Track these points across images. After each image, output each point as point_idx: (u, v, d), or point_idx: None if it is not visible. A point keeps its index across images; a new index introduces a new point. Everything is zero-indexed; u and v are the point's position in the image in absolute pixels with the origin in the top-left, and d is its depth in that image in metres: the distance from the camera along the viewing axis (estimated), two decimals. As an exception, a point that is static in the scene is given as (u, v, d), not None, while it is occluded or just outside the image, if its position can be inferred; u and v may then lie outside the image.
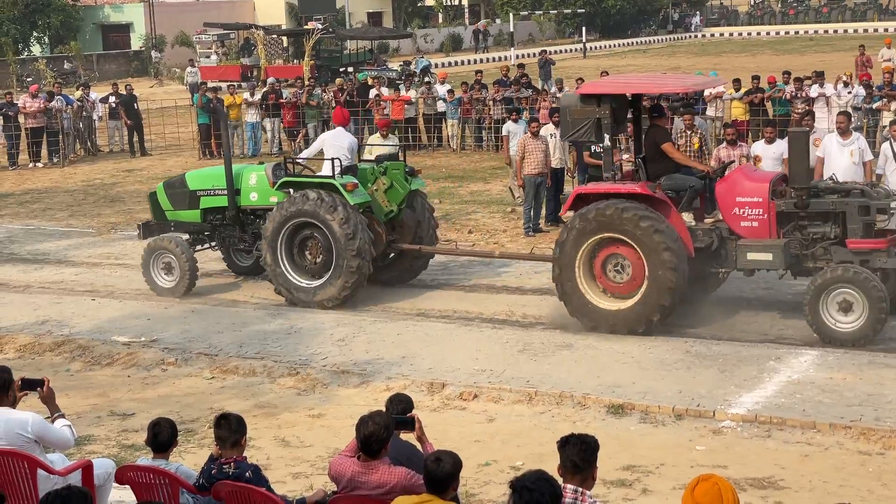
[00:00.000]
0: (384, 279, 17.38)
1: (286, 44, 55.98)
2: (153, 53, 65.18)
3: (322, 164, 17.02)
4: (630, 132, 16.91)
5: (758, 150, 18.66)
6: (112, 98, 33.92)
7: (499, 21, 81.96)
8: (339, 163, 16.36)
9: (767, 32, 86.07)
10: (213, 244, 18.04)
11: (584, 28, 74.69)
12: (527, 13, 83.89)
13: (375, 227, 16.54)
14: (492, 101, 30.84)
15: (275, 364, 13.83)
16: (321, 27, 54.74)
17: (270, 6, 72.82)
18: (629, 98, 15.27)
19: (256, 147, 32.32)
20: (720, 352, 13.55)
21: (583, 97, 14.69)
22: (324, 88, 34.17)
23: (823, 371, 12.80)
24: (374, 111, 30.91)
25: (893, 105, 25.33)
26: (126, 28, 70.15)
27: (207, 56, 56.38)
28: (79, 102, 32.88)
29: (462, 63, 65.22)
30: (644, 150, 15.24)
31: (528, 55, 58.99)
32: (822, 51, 60.50)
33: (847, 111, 20.51)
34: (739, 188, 14.50)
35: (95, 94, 34.91)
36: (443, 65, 60.55)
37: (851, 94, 27.01)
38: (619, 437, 11.27)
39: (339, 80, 35.65)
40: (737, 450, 10.95)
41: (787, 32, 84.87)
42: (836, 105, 26.05)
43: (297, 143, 32.47)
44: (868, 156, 17.71)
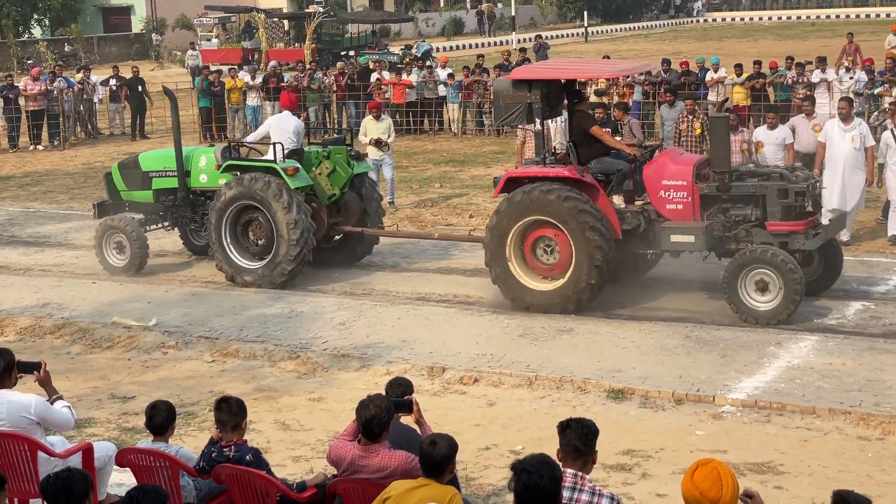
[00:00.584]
0: (331, 261, 17.66)
1: (287, 27, 55.86)
2: (154, 36, 65.13)
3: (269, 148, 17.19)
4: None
5: (760, 136, 18.64)
6: (113, 81, 33.89)
7: (500, 5, 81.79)
8: (282, 147, 16.63)
9: (770, 17, 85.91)
10: (166, 224, 18.36)
11: (586, 12, 74.55)
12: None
13: (318, 210, 16.87)
14: (493, 86, 30.74)
15: (275, 348, 13.83)
16: (322, 10, 54.60)
17: (272, -11, 72.73)
18: (563, 83, 15.51)
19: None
20: (720, 337, 13.56)
21: (514, 82, 14.97)
22: (325, 72, 34.12)
23: (823, 356, 12.81)
24: (375, 95, 30.89)
25: (895, 90, 25.28)
26: (127, 11, 70.10)
27: (208, 39, 56.25)
28: (79, 85, 32.85)
29: (463, 47, 65.06)
30: (573, 136, 15.47)
31: (530, 39, 58.90)
32: (825, 36, 60.30)
33: (849, 97, 20.50)
34: (665, 172, 14.78)
35: (96, 77, 34.89)
36: (444, 49, 60.50)
37: (853, 80, 26.98)
38: (619, 422, 11.27)
39: (340, 64, 35.54)
40: (736, 435, 10.96)
41: (790, 17, 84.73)
42: (838, 90, 26.01)
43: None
44: (870, 141, 17.72)
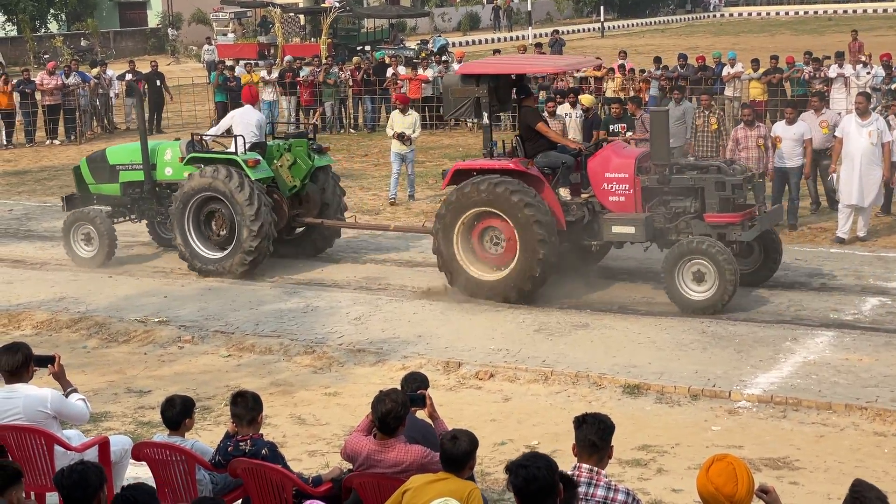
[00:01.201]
0: (293, 251, 18.08)
1: (303, 22, 55.85)
2: (170, 31, 65.17)
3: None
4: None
5: (778, 131, 18.56)
6: (129, 75, 33.96)
7: (517, 0, 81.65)
8: (244, 139, 16.94)
9: (787, 12, 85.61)
10: (133, 216, 18.66)
11: (602, 7, 74.39)
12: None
13: (278, 201, 17.21)
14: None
15: (291, 342, 13.85)
16: (338, 5, 54.52)
17: (287, -16, 72.68)
18: (513, 79, 15.95)
19: (273, 126, 32.20)
20: (736, 332, 13.54)
21: (463, 77, 15.49)
22: (341, 67, 34.13)
23: (839, 352, 12.78)
24: (392, 90, 30.88)
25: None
26: (143, 5, 70.16)
27: (224, 34, 56.29)
28: (95, 80, 32.92)
29: (480, 42, 65.00)
30: (520, 130, 15.81)
31: (546, 34, 58.82)
32: (842, 31, 60.06)
33: (866, 92, 20.43)
34: (608, 164, 15.10)
35: (112, 72, 34.97)
36: (460, 44, 60.38)
37: (871, 75, 26.88)
38: (635, 417, 11.27)
39: (356, 59, 35.55)
40: (752, 430, 10.94)
41: (807, 12, 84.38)
42: (855, 86, 25.92)
43: (314, 121, 32.44)
44: (887, 136, 17.66)
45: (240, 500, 8.33)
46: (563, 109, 21.87)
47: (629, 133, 19.52)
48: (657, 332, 13.64)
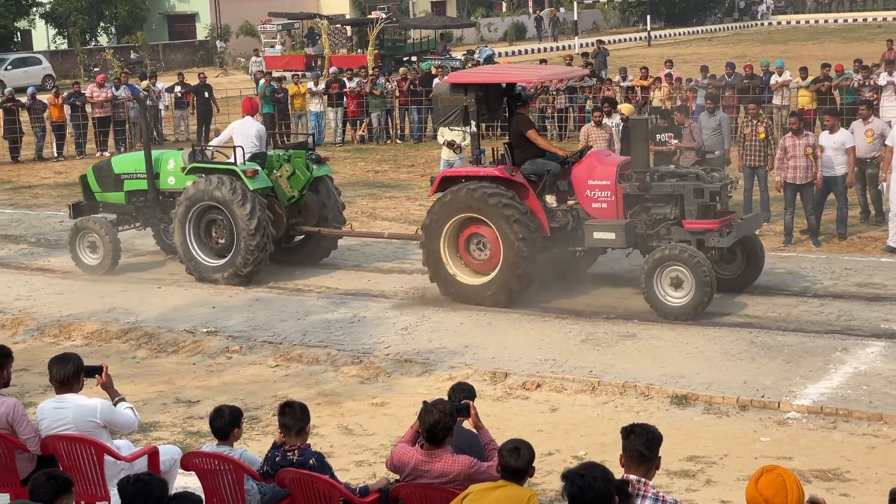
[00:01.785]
0: (294, 260, 18.40)
1: (350, 33, 56.15)
2: (218, 43, 65.66)
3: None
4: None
5: (822, 141, 18.40)
6: (178, 87, 34.22)
7: (563, 10, 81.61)
8: (243, 150, 17.25)
9: (835, 20, 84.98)
10: (138, 224, 19.03)
11: (649, 16, 74.18)
12: (591, 1, 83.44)
13: (277, 211, 17.49)
14: (555, 91, 30.72)
15: (338, 353, 13.90)
16: (385, 16, 54.80)
17: (334, -4, 73.07)
18: (504, 88, 16.39)
19: (320, 136, 32.37)
20: (785, 343, 13.44)
21: (452, 86, 15.82)
22: (387, 78, 34.23)
23: (891, 363, 12.65)
24: (438, 100, 30.88)
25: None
26: (192, 18, 70.71)
27: (272, 46, 56.67)
28: (145, 92, 33.20)
29: (525, 52, 65.02)
30: (511, 137, 16.09)
31: (592, 44, 58.74)
32: (893, 38, 59.50)
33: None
34: (591, 172, 15.43)
35: (161, 84, 35.24)
36: (506, 54, 60.45)
37: (922, 83, 26.60)
38: (683, 428, 11.21)
39: (403, 70, 35.67)
40: (802, 441, 10.86)
41: (856, 20, 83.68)
42: (906, 94, 25.68)
43: (360, 132, 32.56)
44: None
45: (287, 510, 8.36)
46: (614, 120, 21.76)
47: (675, 142, 19.45)
48: (705, 343, 13.57)
